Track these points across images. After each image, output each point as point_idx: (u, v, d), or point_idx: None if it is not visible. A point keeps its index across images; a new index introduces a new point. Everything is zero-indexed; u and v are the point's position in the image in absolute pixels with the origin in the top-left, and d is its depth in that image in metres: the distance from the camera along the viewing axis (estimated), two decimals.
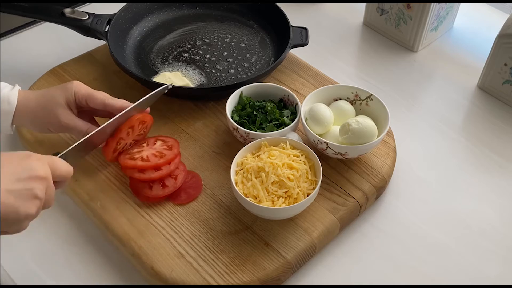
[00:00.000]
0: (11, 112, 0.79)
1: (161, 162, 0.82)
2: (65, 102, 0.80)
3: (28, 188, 0.59)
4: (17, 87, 0.82)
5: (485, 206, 0.87)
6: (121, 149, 0.84)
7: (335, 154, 0.84)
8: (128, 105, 0.82)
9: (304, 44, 1.02)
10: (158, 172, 0.82)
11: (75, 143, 0.73)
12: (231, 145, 0.90)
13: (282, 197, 0.77)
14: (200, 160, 0.89)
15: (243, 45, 1.09)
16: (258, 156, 0.81)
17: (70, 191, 0.85)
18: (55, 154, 0.70)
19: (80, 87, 0.81)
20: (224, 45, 1.08)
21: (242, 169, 0.80)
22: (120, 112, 0.81)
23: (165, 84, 0.87)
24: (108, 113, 0.84)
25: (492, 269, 0.80)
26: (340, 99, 0.92)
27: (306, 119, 0.87)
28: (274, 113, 0.90)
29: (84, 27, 1.02)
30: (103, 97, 0.82)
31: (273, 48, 1.09)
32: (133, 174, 0.81)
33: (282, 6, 1.09)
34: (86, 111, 0.84)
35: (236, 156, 0.81)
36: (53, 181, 0.63)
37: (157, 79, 0.99)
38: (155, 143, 0.86)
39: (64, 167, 0.65)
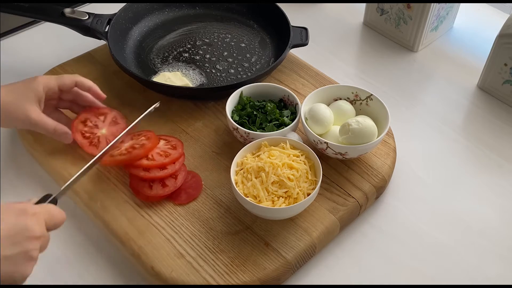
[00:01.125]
0: None
1: (166, 161, 0.82)
2: (35, 98, 0.80)
3: (24, 251, 0.57)
4: None
5: (485, 206, 0.87)
6: (118, 154, 0.84)
7: (335, 154, 0.84)
8: (95, 88, 0.87)
9: (304, 44, 1.02)
10: (163, 171, 0.82)
11: (68, 181, 0.74)
12: (231, 145, 0.90)
13: (282, 197, 0.77)
14: (200, 160, 0.89)
15: (243, 45, 1.09)
16: (258, 156, 0.81)
17: (70, 191, 0.85)
18: (47, 196, 0.67)
19: (48, 80, 0.82)
20: (224, 45, 1.08)
21: (242, 169, 0.80)
22: (88, 92, 0.87)
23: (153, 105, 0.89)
24: (78, 106, 0.88)
25: (492, 269, 0.80)
26: (340, 99, 0.92)
27: (306, 119, 0.87)
28: (274, 113, 0.90)
29: (84, 27, 1.02)
30: (72, 75, 0.84)
31: (273, 48, 1.09)
32: (138, 173, 0.82)
33: (282, 6, 1.09)
34: (51, 105, 0.86)
35: (236, 156, 0.81)
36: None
37: (157, 78, 0.99)
38: (158, 142, 0.86)
39: (59, 216, 0.64)
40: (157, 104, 0.89)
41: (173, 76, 0.99)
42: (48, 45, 1.14)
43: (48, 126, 0.81)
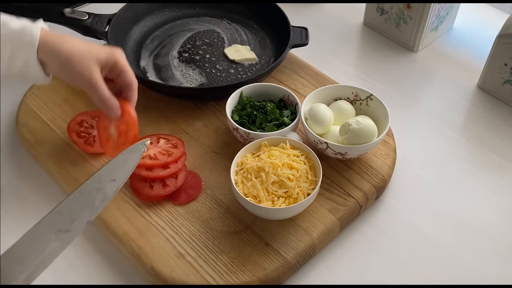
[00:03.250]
0: (34, 46, 0.73)
1: (169, 160, 0.82)
2: (102, 63, 0.76)
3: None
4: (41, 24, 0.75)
5: (485, 206, 0.87)
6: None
7: (335, 154, 0.84)
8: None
9: (304, 44, 1.02)
10: (166, 170, 0.82)
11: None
12: (231, 145, 0.90)
13: (282, 197, 0.77)
14: (200, 160, 0.89)
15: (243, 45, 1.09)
16: (258, 156, 0.81)
17: (70, 191, 0.85)
18: None
19: (122, 56, 0.78)
20: (224, 45, 1.08)
21: (242, 169, 0.80)
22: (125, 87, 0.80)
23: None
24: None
25: (492, 269, 0.80)
26: (340, 99, 0.92)
27: (306, 119, 0.87)
28: (274, 113, 0.90)
29: (84, 27, 1.02)
30: (132, 79, 0.79)
31: (273, 48, 1.09)
32: (140, 172, 0.82)
33: (282, 6, 1.09)
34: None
35: (236, 156, 0.81)
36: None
37: (228, 49, 1.05)
38: (158, 141, 0.86)
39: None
40: (147, 140, 0.73)
41: (243, 49, 1.04)
42: None
43: (104, 92, 0.76)
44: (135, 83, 0.79)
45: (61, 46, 0.74)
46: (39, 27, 0.74)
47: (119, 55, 0.78)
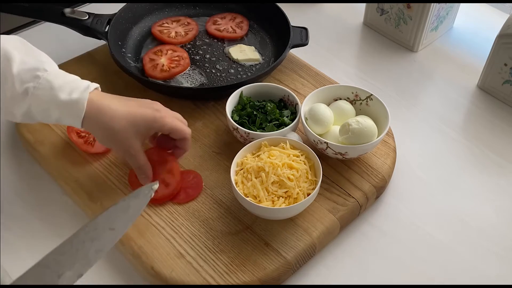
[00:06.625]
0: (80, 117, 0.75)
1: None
2: (143, 134, 0.79)
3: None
4: (93, 87, 0.77)
5: (485, 206, 0.87)
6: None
7: (335, 154, 0.84)
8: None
9: (304, 44, 1.02)
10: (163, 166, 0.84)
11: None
12: (231, 145, 0.90)
13: (282, 197, 0.77)
14: (200, 160, 0.89)
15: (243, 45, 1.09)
16: (258, 156, 0.81)
17: (70, 191, 0.85)
18: None
19: (164, 122, 0.79)
20: (224, 45, 1.08)
21: (242, 169, 0.80)
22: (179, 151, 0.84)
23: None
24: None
25: (492, 269, 0.80)
26: (340, 99, 0.92)
27: (306, 119, 0.87)
28: (274, 113, 0.90)
29: (84, 27, 1.02)
30: (184, 134, 0.81)
31: (273, 48, 1.09)
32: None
33: (282, 6, 1.09)
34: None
35: (236, 156, 0.81)
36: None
37: (232, 49, 1.05)
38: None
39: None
40: (155, 184, 0.69)
41: (247, 49, 1.05)
42: (48, 45, 1.13)
43: (139, 163, 0.80)
44: (187, 136, 0.81)
45: (102, 117, 0.75)
46: (86, 98, 0.74)
47: (160, 122, 0.78)
